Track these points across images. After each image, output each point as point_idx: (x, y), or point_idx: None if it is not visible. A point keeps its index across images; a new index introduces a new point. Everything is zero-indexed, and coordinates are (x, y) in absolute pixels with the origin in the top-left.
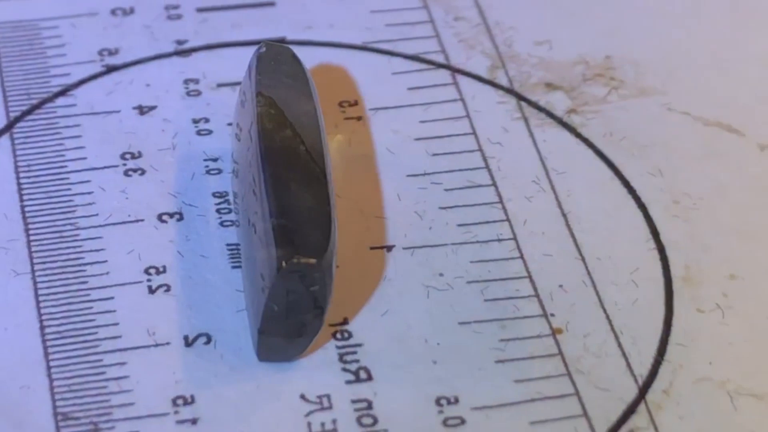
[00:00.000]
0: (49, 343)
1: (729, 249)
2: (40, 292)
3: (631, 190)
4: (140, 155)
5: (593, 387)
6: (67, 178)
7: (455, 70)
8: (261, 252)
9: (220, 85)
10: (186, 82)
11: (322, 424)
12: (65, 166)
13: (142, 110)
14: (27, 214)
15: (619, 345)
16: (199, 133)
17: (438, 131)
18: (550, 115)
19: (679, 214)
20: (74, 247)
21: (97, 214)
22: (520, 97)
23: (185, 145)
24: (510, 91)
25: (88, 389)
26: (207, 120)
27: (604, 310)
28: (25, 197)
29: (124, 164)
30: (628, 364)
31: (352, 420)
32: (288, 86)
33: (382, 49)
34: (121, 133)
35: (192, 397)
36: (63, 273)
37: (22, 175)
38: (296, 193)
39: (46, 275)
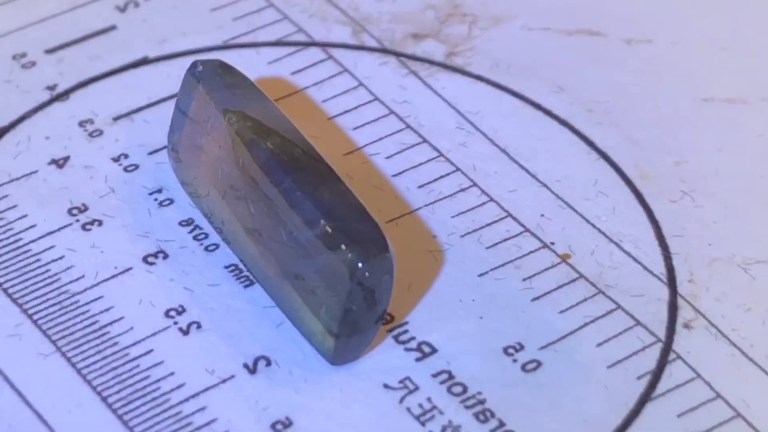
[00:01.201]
0: (120, 412)
1: (658, 139)
2: (78, 366)
3: (546, 112)
4: (86, 207)
5: (629, 296)
6: (30, 250)
7: (324, 45)
8: (314, 260)
9: (116, 119)
10: (81, 124)
11: (420, 405)
12: (20, 239)
13: (58, 164)
14: (15, 297)
15: (627, 252)
16: (126, 170)
17: (344, 106)
18: (433, 63)
19: (600, 119)
20: (83, 313)
21: (83, 276)
22: (397, 54)
23: (121, 185)
24: (385, 50)
25: None
26: (126, 155)
27: (593, 226)
28: (1, 281)
29: (77, 220)
30: (645, 267)
31: (443, 393)
32: (245, 96)
33: (245, 43)
34: (54, 191)
35: (288, 419)
36: (89, 341)
37: None
38: (324, 193)
39: (75, 348)
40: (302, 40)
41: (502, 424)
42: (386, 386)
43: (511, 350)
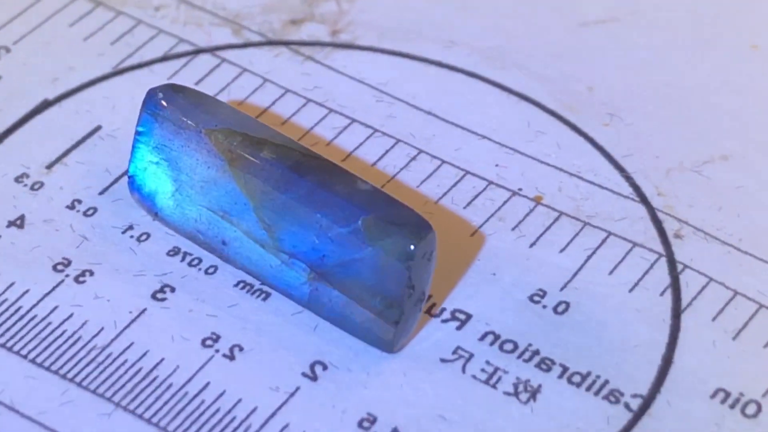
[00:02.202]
0: None
1: (561, 71)
2: (146, 416)
3: (450, 67)
4: (69, 260)
5: (613, 221)
6: (35, 315)
7: (212, 50)
8: (358, 255)
9: (49, 167)
10: (18, 180)
11: (483, 370)
12: (20, 306)
13: (17, 224)
14: (47, 366)
15: (590, 182)
16: (86, 215)
17: (260, 104)
18: (323, 44)
19: (501, 64)
20: (123, 363)
21: (102, 328)
22: (285, 43)
23: (91, 231)
24: (272, 42)
25: None
26: (79, 201)
27: (548, 164)
28: (24, 353)
29: (67, 275)
30: (613, 191)
31: (498, 353)
32: (218, 112)
33: (135, 65)
34: (28, 252)
35: (370, 414)
36: (143, 389)
37: None
38: (344, 188)
39: (134, 400)
40: (189, 50)
41: (565, 368)
42: (443, 360)
43: (536, 298)
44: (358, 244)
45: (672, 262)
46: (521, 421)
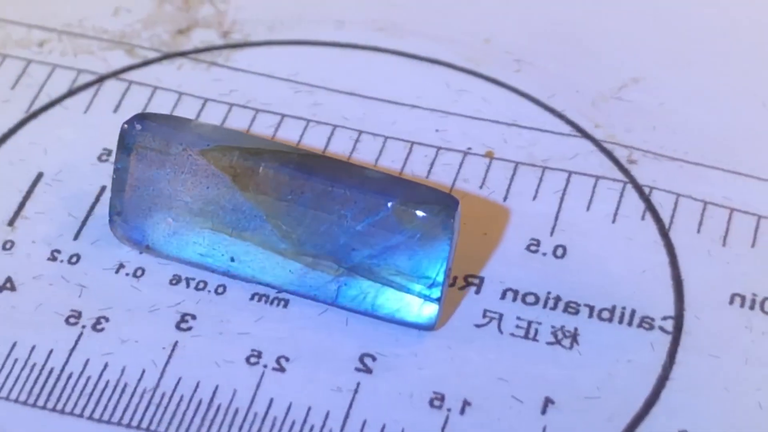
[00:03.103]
0: None
1: (448, 22)
2: None
3: (348, 45)
4: (78, 312)
5: (567, 159)
6: (71, 373)
7: (115, 74)
8: (392, 240)
9: (10, 224)
10: None
11: (518, 326)
12: (52, 368)
13: (7, 287)
14: (105, 419)
15: (530, 128)
16: (72, 263)
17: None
18: (220, 47)
19: (394, 32)
20: (179, 401)
21: (144, 370)
22: (183, 54)
23: (85, 278)
24: (169, 56)
25: None
26: (58, 251)
27: (482, 119)
28: (79, 413)
29: (83, 326)
30: (555, 132)
31: (524, 307)
32: (201, 131)
33: (46, 104)
34: (32, 312)
35: (437, 393)
36: (216, 423)
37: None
38: (359, 179)
39: None
40: (92, 79)
41: (591, 307)
42: (478, 326)
43: (533, 247)
44: (390, 230)
45: (638, 187)
46: (575, 366)
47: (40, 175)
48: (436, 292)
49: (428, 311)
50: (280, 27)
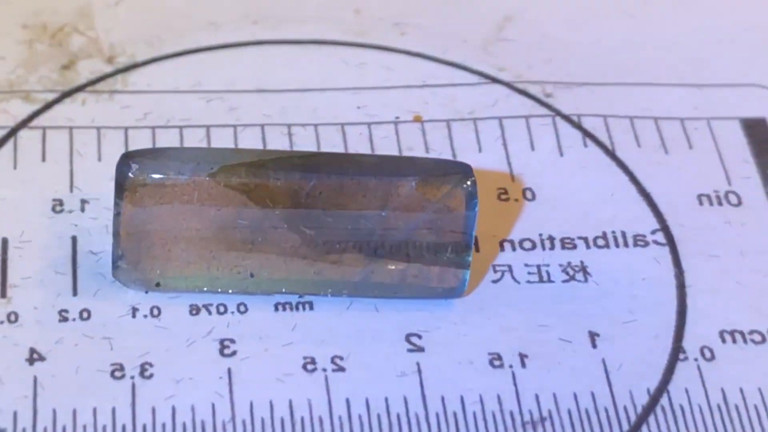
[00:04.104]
0: None
1: (368, 5)
2: None
3: (246, 44)
4: (120, 364)
5: (490, 107)
6: (144, 424)
7: (24, 124)
8: (419, 220)
9: (4, 295)
10: None
11: (530, 273)
12: (124, 424)
13: (35, 358)
14: None
15: (453, 84)
16: (83, 318)
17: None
18: (113, 73)
19: (299, 18)
20: (263, 423)
21: (213, 403)
22: (81, 89)
23: (107, 329)
24: (68, 93)
25: None
26: (65, 311)
27: (399, 87)
28: None
29: (132, 377)
30: (476, 85)
31: (523, 253)
32: (195, 158)
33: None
34: (74, 376)
35: (494, 353)
36: None
37: None
38: (361, 165)
39: None
40: (4, 135)
41: (585, 239)
42: (495, 281)
43: (503, 197)
44: (416, 208)
45: (566, 118)
46: (599, 296)
47: (5, 241)
48: (467, 258)
49: (460, 278)
50: (159, 42)
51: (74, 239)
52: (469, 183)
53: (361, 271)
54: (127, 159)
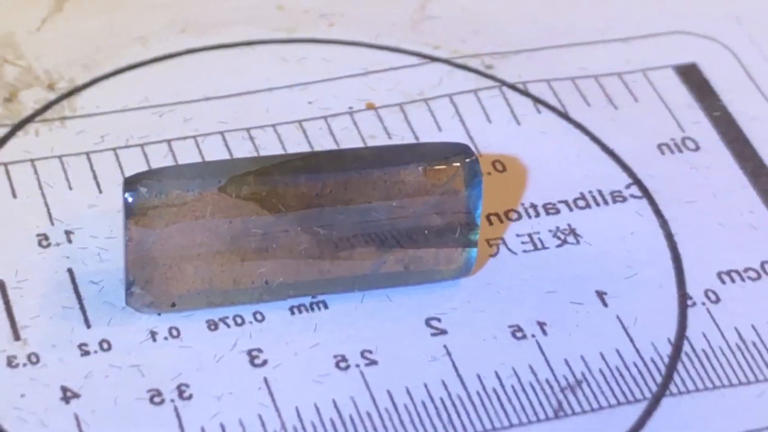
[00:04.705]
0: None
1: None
2: None
3: (179, 54)
4: (157, 390)
5: (437, 86)
6: None
7: None
8: (427, 204)
9: (18, 338)
10: (11, 366)
11: (522, 242)
12: None
13: (68, 396)
14: None
15: (395, 68)
16: (104, 349)
17: (86, 178)
18: (58, 99)
19: (215, 22)
20: (319, 426)
21: (260, 414)
22: (30, 120)
23: (132, 357)
24: (19, 125)
25: None
26: (84, 344)
27: (342, 77)
28: None
29: (171, 399)
30: (407, 65)
31: (512, 224)
32: (201, 173)
33: None
34: (113, 409)
35: (515, 324)
36: None
37: None
38: (362, 159)
39: None
40: None
41: (565, 202)
42: (492, 255)
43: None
44: (424, 193)
45: (512, 87)
46: (594, 256)
47: (2, 284)
48: (475, 236)
49: (468, 256)
50: (94, 63)
51: (71, 271)
52: (471, 162)
53: (372, 263)
54: (132, 184)
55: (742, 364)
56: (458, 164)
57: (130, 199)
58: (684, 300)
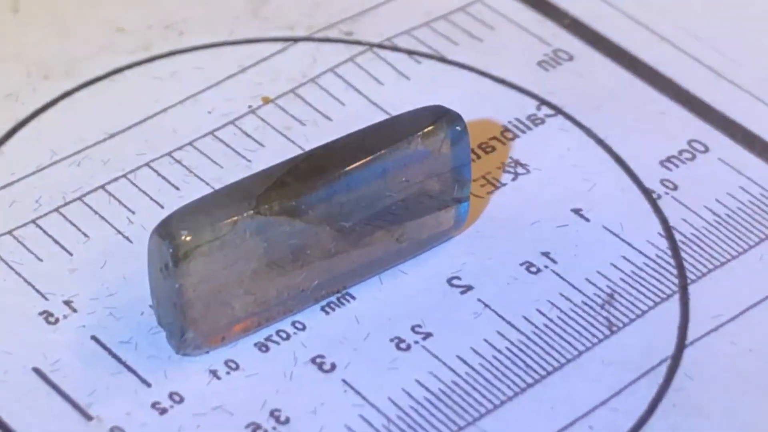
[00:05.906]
0: None
1: None
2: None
3: (113, 73)
4: (258, 425)
5: (315, 65)
6: None
7: None
8: (425, 170)
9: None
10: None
11: (481, 185)
12: None
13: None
14: None
15: (355, 61)
16: (177, 401)
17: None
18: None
19: (142, 38)
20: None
21: (361, 416)
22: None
23: (205, 402)
24: None
25: None
26: (158, 402)
27: (227, 78)
28: None
29: (273, 427)
30: (347, 60)
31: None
32: (229, 201)
33: None
34: None
35: (529, 262)
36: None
37: None
38: (356, 147)
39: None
40: None
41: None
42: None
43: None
44: (423, 161)
45: (379, 45)
46: (550, 178)
47: (38, 371)
48: (467, 191)
49: (461, 212)
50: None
51: (96, 338)
52: (457, 120)
53: (389, 242)
54: (168, 230)
55: (731, 237)
56: (443, 124)
57: (171, 246)
58: (650, 195)
